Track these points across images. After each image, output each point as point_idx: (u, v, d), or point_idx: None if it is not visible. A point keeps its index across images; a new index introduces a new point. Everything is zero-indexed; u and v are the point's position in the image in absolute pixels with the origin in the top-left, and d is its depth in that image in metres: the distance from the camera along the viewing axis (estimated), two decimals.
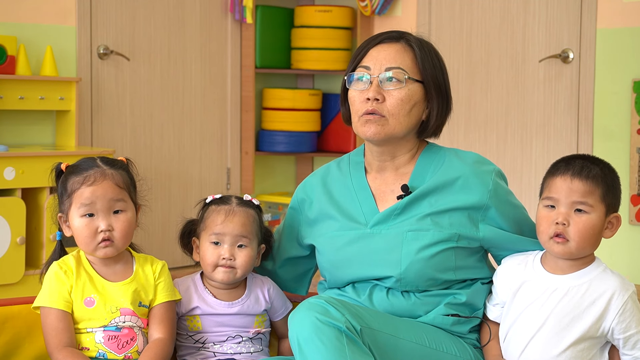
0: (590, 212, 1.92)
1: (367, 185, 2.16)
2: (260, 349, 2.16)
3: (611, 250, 4.20)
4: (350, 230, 2.13)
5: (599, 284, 1.92)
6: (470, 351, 2.06)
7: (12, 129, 4.21)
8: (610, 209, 1.94)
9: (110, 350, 2.00)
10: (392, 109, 2.06)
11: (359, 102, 2.09)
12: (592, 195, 1.92)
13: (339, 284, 2.16)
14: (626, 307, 1.89)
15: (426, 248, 2.04)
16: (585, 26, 4.24)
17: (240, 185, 5.12)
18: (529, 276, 1.99)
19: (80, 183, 2.00)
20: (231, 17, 5.01)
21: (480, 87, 4.63)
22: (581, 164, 1.95)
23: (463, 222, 2.07)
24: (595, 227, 1.93)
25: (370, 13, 4.93)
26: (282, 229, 2.30)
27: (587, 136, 4.25)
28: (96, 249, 2.02)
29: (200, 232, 2.17)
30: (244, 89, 5.09)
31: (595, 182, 1.93)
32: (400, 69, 2.07)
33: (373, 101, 2.06)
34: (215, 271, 2.12)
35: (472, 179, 2.09)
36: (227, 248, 2.11)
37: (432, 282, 2.05)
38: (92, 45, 4.46)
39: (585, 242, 1.93)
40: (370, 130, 2.07)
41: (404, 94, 2.07)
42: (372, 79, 2.08)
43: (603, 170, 1.95)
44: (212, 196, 2.19)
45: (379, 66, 2.08)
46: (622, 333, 1.90)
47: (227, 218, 2.12)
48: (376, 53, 2.10)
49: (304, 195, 2.25)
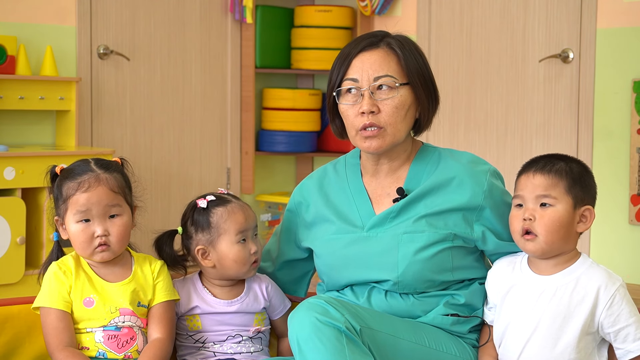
0: (554, 204, 1.92)
1: (364, 188, 2.16)
2: (261, 348, 2.15)
3: (611, 250, 4.20)
4: (346, 234, 2.12)
5: (585, 280, 1.91)
6: (469, 351, 2.06)
7: (12, 129, 4.21)
8: (579, 201, 1.93)
9: (110, 349, 2.00)
10: (388, 118, 2.04)
11: (353, 116, 2.06)
12: (556, 188, 1.92)
13: (337, 287, 2.16)
14: (613, 300, 1.89)
15: (422, 250, 2.03)
16: (585, 26, 4.24)
17: (240, 185, 5.12)
18: (517, 279, 1.99)
19: (75, 189, 2.00)
20: (231, 17, 5.01)
21: (480, 87, 4.63)
22: (545, 161, 1.96)
23: (458, 223, 2.06)
24: (562, 219, 1.92)
25: (370, 13, 4.93)
26: (280, 231, 2.30)
27: (587, 136, 4.25)
28: (93, 254, 2.02)
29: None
30: (244, 89, 5.09)
31: (559, 175, 1.93)
32: (389, 76, 2.05)
33: (369, 114, 2.04)
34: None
35: (466, 179, 2.08)
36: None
37: (429, 283, 2.05)
38: (92, 45, 4.46)
39: (552, 236, 1.92)
40: (373, 146, 2.06)
41: (397, 101, 2.05)
42: (362, 92, 2.05)
43: (569, 165, 1.95)
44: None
45: (367, 77, 2.05)
46: (611, 327, 1.89)
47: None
48: (360, 63, 2.06)
49: (300, 198, 2.25)
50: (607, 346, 1.96)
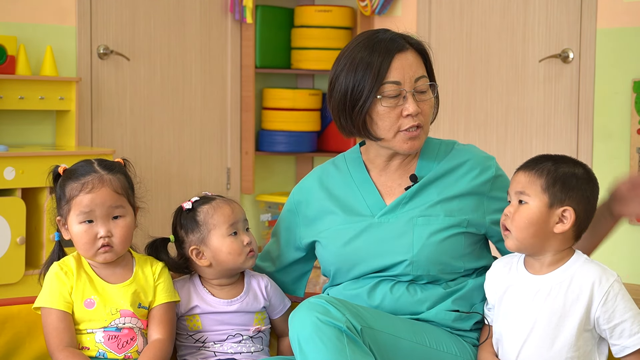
0: (528, 201, 1.91)
1: (370, 180, 2.17)
2: (261, 348, 2.16)
3: (611, 250, 4.21)
4: (355, 223, 2.13)
5: (579, 277, 1.90)
6: (470, 350, 2.06)
7: (12, 129, 4.21)
8: (557, 201, 1.90)
9: (110, 349, 2.00)
10: (426, 118, 2.09)
11: (395, 117, 2.07)
12: (532, 186, 1.91)
13: (346, 278, 2.16)
14: (608, 296, 1.87)
15: (437, 233, 2.07)
16: (585, 26, 4.24)
17: (240, 185, 5.12)
18: (513, 280, 1.98)
19: (79, 190, 2.00)
20: (231, 17, 5.01)
21: (480, 87, 4.63)
22: (537, 160, 1.95)
23: (471, 208, 2.10)
24: (532, 217, 1.90)
25: (370, 13, 4.93)
26: (279, 232, 2.29)
27: (587, 136, 4.25)
28: (96, 255, 2.02)
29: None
30: (244, 89, 5.09)
31: (539, 174, 1.91)
32: (424, 77, 2.09)
33: (416, 116, 2.06)
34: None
35: (477, 164, 2.13)
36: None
37: (442, 267, 2.07)
38: (92, 45, 4.46)
39: (522, 233, 1.91)
40: (415, 145, 2.09)
41: (432, 102, 2.11)
42: (405, 94, 2.06)
43: (556, 165, 1.92)
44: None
45: (409, 79, 2.06)
46: (606, 323, 1.88)
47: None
48: (400, 65, 2.07)
49: (300, 197, 2.25)
50: (607, 343, 1.96)
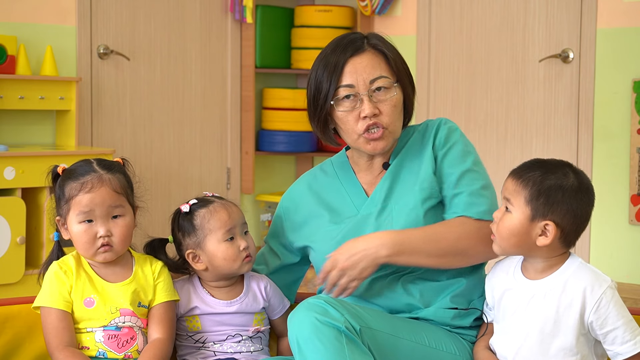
0: (512, 211, 1.90)
1: (357, 181, 2.19)
2: (261, 348, 2.16)
3: (611, 250, 4.21)
4: (343, 223, 2.15)
5: (572, 284, 1.89)
6: (468, 349, 2.06)
7: (12, 128, 4.21)
8: (539, 215, 1.87)
9: (110, 349, 2.00)
10: (388, 118, 2.08)
11: (353, 121, 2.08)
12: (517, 196, 1.89)
13: None
14: (600, 303, 1.86)
15: (415, 209, 2.08)
16: (585, 26, 4.24)
17: (240, 185, 5.12)
18: (510, 284, 1.98)
19: (78, 190, 2.00)
20: (231, 17, 5.01)
21: (480, 87, 4.63)
22: (525, 167, 1.93)
23: (434, 174, 2.11)
24: (513, 229, 1.89)
25: (370, 13, 4.93)
26: (271, 237, 2.30)
27: (587, 136, 4.25)
28: (95, 254, 2.02)
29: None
30: (244, 88, 5.09)
31: (524, 184, 1.89)
32: (384, 77, 2.08)
33: (371, 117, 2.06)
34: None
35: (428, 130, 2.15)
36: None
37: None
38: (92, 45, 4.46)
39: (505, 242, 1.92)
40: (379, 147, 2.09)
41: (395, 101, 2.09)
42: (361, 96, 2.07)
43: (544, 175, 1.88)
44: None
45: (362, 81, 2.07)
46: (599, 329, 1.87)
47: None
48: (352, 68, 2.08)
49: (287, 203, 2.26)
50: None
